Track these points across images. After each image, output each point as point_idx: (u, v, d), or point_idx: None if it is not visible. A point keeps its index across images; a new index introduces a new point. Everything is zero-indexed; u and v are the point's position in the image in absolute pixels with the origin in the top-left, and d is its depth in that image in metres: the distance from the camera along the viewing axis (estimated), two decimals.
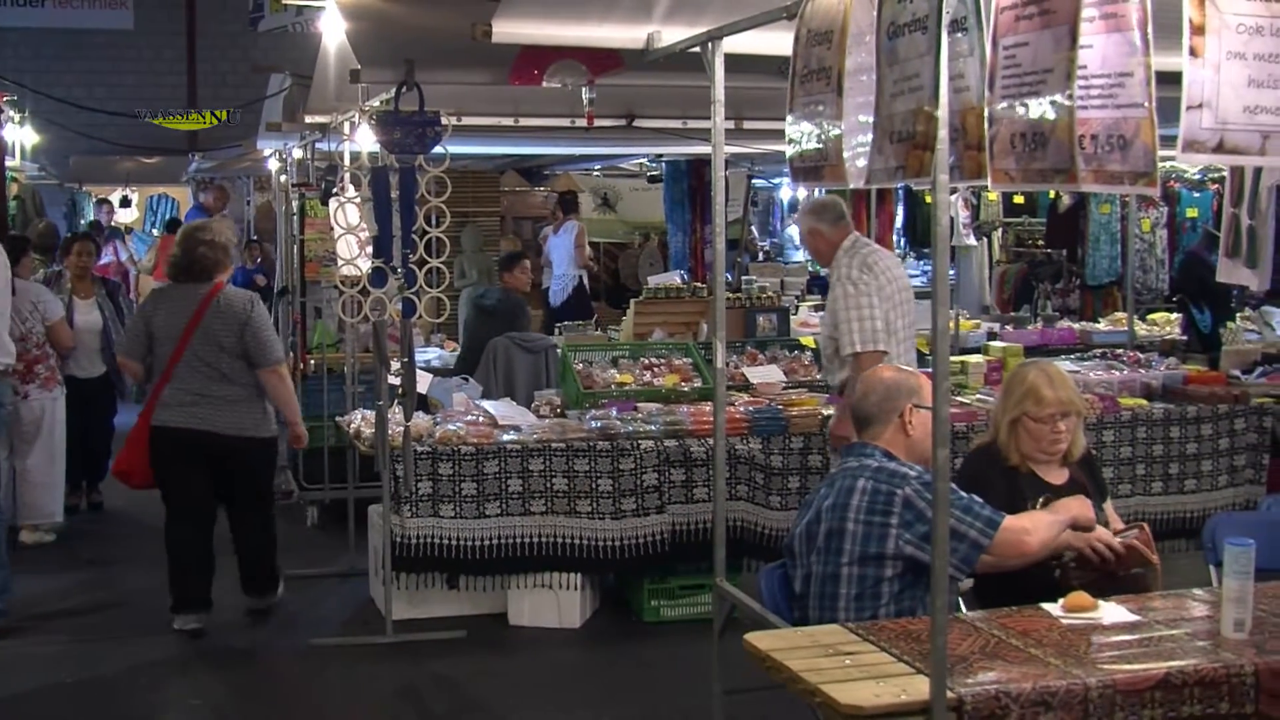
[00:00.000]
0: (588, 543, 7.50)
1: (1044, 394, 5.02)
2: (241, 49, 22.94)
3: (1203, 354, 10.74)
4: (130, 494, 10.05)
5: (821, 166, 4.24)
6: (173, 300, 7.61)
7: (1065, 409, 5.04)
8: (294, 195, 11.13)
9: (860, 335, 6.80)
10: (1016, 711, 3.52)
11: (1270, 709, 3.75)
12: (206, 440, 7.45)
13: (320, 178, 10.61)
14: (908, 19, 3.54)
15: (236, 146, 16.08)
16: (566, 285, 15.21)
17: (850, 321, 6.81)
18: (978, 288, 15.55)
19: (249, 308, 7.54)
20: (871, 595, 4.42)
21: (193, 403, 7.43)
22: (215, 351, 7.43)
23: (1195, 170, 14.06)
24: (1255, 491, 8.58)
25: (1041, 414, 5.01)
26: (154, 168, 20.15)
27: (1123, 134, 3.44)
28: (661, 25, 5.72)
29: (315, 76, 8.68)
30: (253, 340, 7.45)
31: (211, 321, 7.44)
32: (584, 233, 15.57)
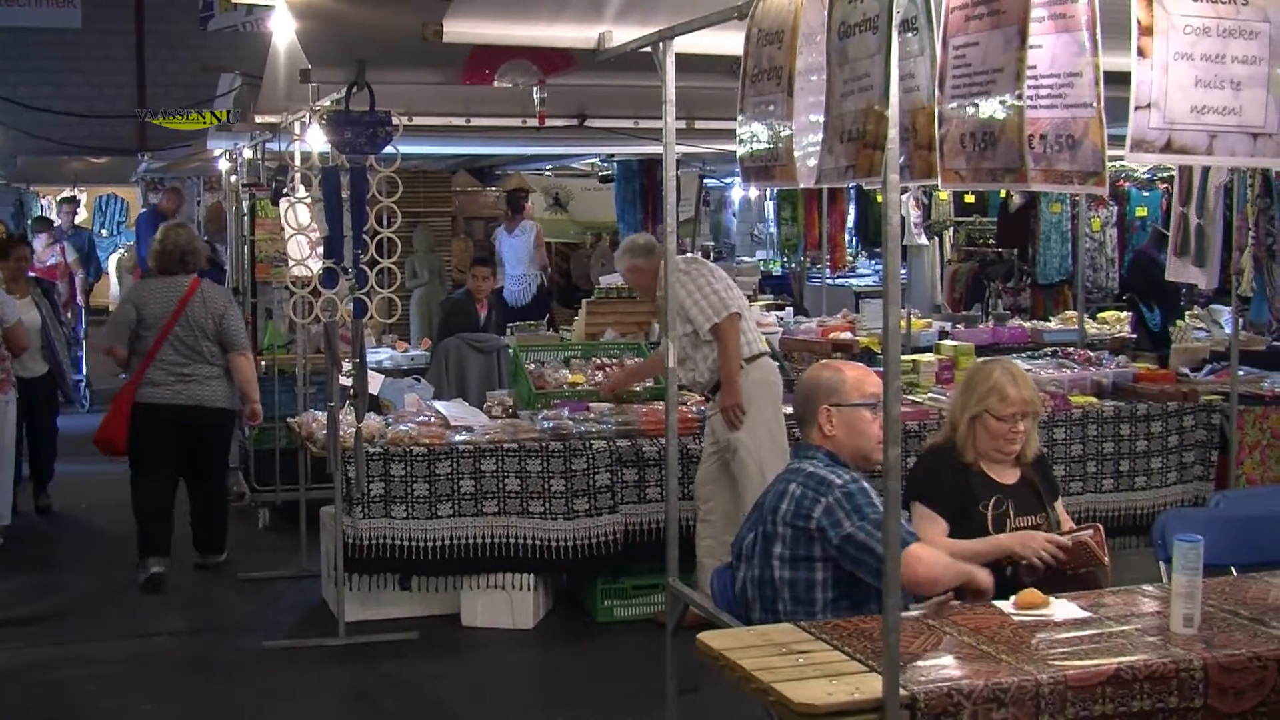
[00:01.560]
0: (540, 543, 7.49)
1: (1009, 393, 5.02)
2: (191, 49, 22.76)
3: (1152, 352, 10.80)
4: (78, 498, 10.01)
5: (772, 166, 4.25)
6: (159, 290, 8.61)
7: (1027, 409, 5.04)
8: (244, 195, 11.07)
9: (711, 308, 7.20)
10: (969, 708, 3.54)
11: (1218, 703, 3.78)
12: (183, 413, 8.47)
13: (271, 178, 10.55)
14: (858, 19, 3.55)
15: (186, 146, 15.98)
16: (528, 286, 15.09)
17: (697, 303, 7.21)
18: (929, 287, 15.62)
19: (227, 300, 8.84)
20: (806, 600, 4.41)
21: (176, 380, 8.45)
22: (196, 336, 8.46)
23: (1144, 170, 14.14)
24: (1204, 488, 8.65)
25: (1004, 413, 5.01)
26: (102, 168, 20.00)
27: (1071, 133, 3.46)
28: (613, 25, 5.72)
29: (265, 76, 8.63)
30: (229, 328, 8.56)
31: (195, 310, 8.47)
32: (541, 233, 15.49)
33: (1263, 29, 3.60)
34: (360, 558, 7.34)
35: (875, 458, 4.64)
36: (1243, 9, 3.59)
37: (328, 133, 7.19)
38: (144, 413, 8.44)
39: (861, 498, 4.39)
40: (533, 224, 15.35)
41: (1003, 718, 3.57)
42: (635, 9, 5.55)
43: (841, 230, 16.82)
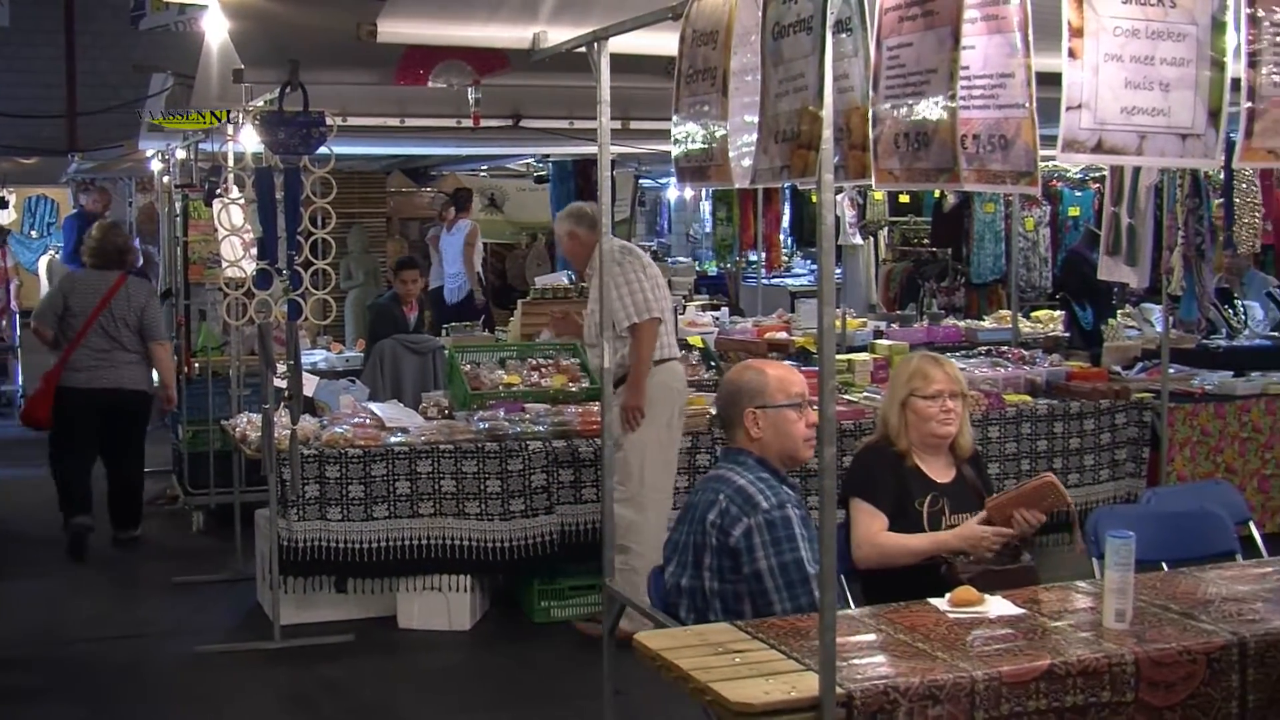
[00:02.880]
0: (476, 544, 7.47)
1: (931, 371, 5.08)
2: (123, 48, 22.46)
3: (1085, 350, 10.90)
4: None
5: (707, 166, 4.25)
6: (89, 282, 9.46)
7: (952, 386, 5.09)
8: (177, 196, 10.98)
9: (635, 307, 7.20)
10: (905, 705, 3.56)
11: (1149, 696, 3.82)
12: (104, 395, 9.27)
13: (204, 179, 10.46)
14: (792, 19, 3.56)
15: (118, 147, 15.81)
16: (464, 284, 15.02)
17: (623, 297, 7.17)
18: (864, 286, 15.70)
19: (149, 294, 9.70)
20: (735, 612, 4.39)
21: (97, 365, 9.23)
22: (118, 326, 9.29)
23: (1077, 170, 14.26)
24: (1136, 485, 8.74)
25: (929, 390, 5.05)
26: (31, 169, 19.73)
27: (1004, 134, 3.48)
28: (547, 25, 5.71)
29: (198, 76, 8.54)
30: (149, 320, 9.43)
31: (119, 303, 9.30)
32: (477, 233, 15.41)
33: (1190, 31, 3.64)
34: (296, 560, 7.29)
35: (802, 457, 4.66)
36: (1171, 11, 3.62)
37: (261, 133, 7.14)
38: (68, 396, 9.23)
39: (782, 529, 4.38)
40: (468, 223, 15.26)
41: (938, 715, 3.59)
42: (570, 9, 5.54)
43: (777, 230, 16.87)
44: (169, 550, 9.16)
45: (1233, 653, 3.93)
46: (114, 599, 8.14)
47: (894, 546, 4.92)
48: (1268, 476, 9.15)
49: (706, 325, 11.90)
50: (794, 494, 4.53)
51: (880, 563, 4.91)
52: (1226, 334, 10.75)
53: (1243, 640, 3.95)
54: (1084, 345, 11.23)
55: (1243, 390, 9.22)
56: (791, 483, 4.64)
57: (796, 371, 4.85)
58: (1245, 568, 4.93)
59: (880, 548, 4.92)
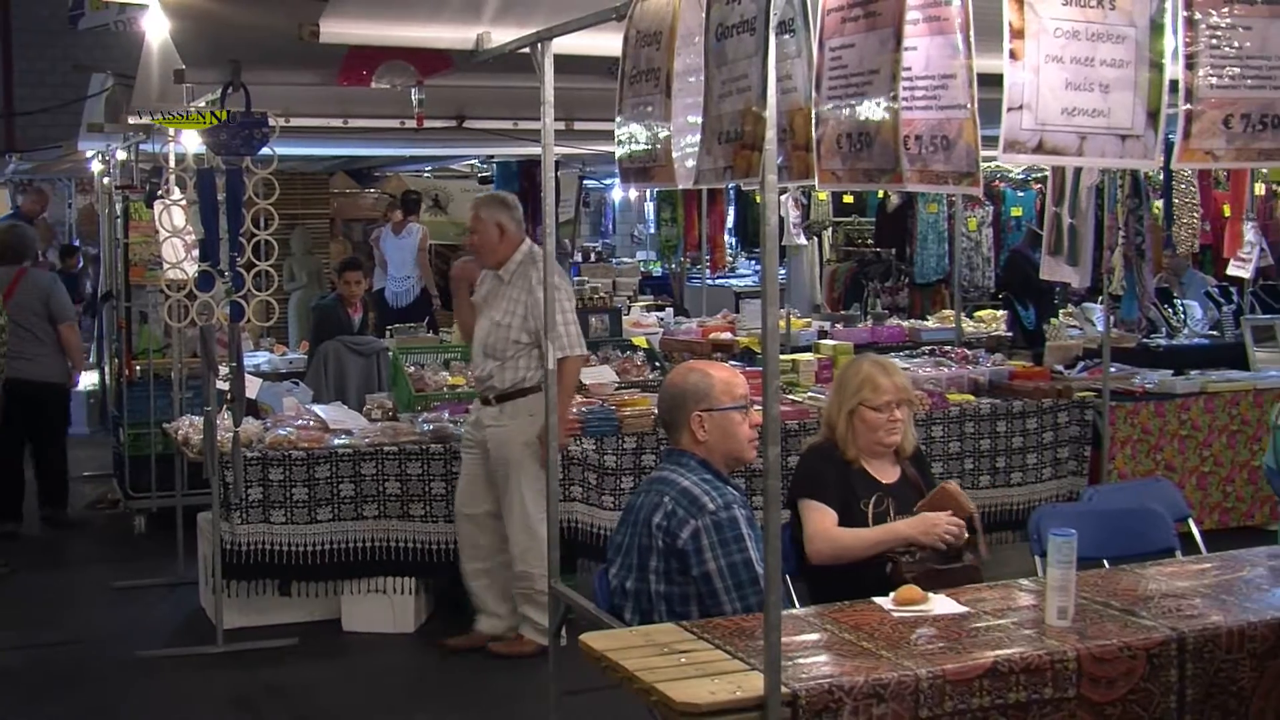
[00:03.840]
0: (421, 546, 7.45)
1: (880, 381, 5.10)
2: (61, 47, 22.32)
3: (1027, 350, 10.98)
4: None
5: (651, 167, 4.25)
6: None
7: (901, 396, 5.12)
8: (117, 198, 10.90)
9: (569, 339, 6.95)
10: (850, 704, 3.57)
11: (1090, 692, 3.85)
12: (22, 386, 9.54)
13: (144, 180, 10.40)
14: (736, 20, 3.56)
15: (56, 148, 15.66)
16: (411, 288, 14.95)
17: (568, 325, 6.95)
18: (808, 286, 15.75)
19: (51, 281, 10.37)
20: (682, 614, 4.39)
21: (14, 356, 9.42)
22: (28, 315, 9.74)
23: (1019, 170, 14.36)
24: (1078, 483, 8.80)
25: (879, 401, 5.08)
26: None
27: (946, 134, 3.50)
28: (491, 26, 5.70)
29: (138, 76, 8.49)
30: (55, 304, 9.97)
31: (23, 293, 9.78)
32: (427, 236, 15.34)
33: (1129, 33, 3.67)
34: (239, 564, 7.25)
35: (747, 458, 4.67)
36: (1110, 13, 3.65)
37: (203, 134, 7.10)
38: None
39: (729, 529, 4.39)
40: (420, 227, 15.19)
41: (883, 713, 3.60)
42: (513, 10, 5.53)
43: (721, 231, 16.90)
44: (109, 554, 9.08)
45: (1171, 648, 3.97)
46: (52, 604, 8.06)
47: (848, 539, 4.93)
48: (1206, 474, 9.25)
49: (651, 326, 11.94)
50: (739, 494, 4.54)
51: (834, 556, 4.91)
52: (1166, 333, 10.85)
53: (1181, 636, 3.99)
54: (1026, 345, 11.32)
55: (1182, 389, 9.31)
56: (735, 483, 4.65)
57: (739, 373, 4.87)
58: (1184, 564, 4.98)
59: (834, 541, 4.93)
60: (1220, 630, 4.05)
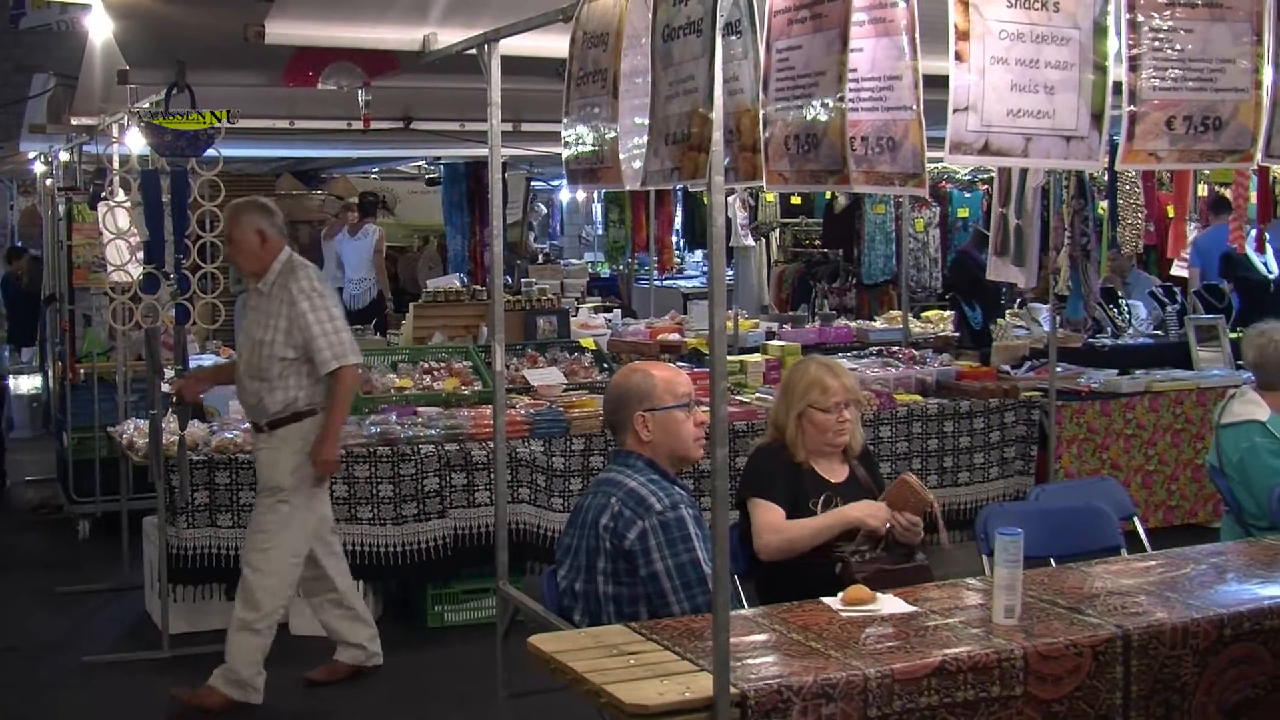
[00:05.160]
0: (369, 549, 7.41)
1: (828, 383, 5.11)
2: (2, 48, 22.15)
3: (974, 350, 11.03)
4: None
5: (598, 168, 4.25)
6: None
7: (849, 396, 5.13)
8: (60, 199, 10.81)
9: (337, 348, 6.45)
10: (799, 704, 3.57)
11: (1037, 690, 3.87)
12: None
13: (88, 181, 10.32)
14: (682, 22, 3.57)
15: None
16: (367, 290, 14.87)
17: (328, 334, 6.44)
18: (756, 288, 15.79)
19: None
20: (630, 615, 4.38)
21: None
22: None
23: (965, 171, 14.45)
24: (1025, 482, 8.85)
25: (827, 403, 5.09)
26: None
27: (892, 135, 3.52)
28: (438, 27, 5.70)
29: (81, 77, 8.44)
30: None
31: None
32: (383, 238, 15.26)
33: (1073, 35, 3.70)
34: (185, 568, 7.20)
35: (693, 456, 4.68)
36: (1054, 16, 3.68)
37: (147, 135, 7.06)
38: None
39: (677, 530, 4.39)
40: (376, 229, 15.10)
41: (832, 713, 3.61)
42: (460, 11, 5.53)
43: (669, 232, 16.94)
44: (53, 559, 9.00)
45: (1117, 645, 4.00)
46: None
47: (797, 530, 4.93)
48: (1151, 472, 9.32)
49: (599, 327, 11.93)
50: (686, 495, 4.54)
51: (783, 548, 4.91)
52: (1112, 333, 10.92)
53: (1127, 633, 4.02)
54: (973, 345, 11.37)
55: (1127, 388, 9.38)
56: (683, 484, 4.66)
57: (683, 372, 4.87)
58: (1130, 562, 5.02)
59: (783, 533, 4.93)
60: (1164, 627, 4.08)
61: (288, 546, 6.58)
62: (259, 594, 6.55)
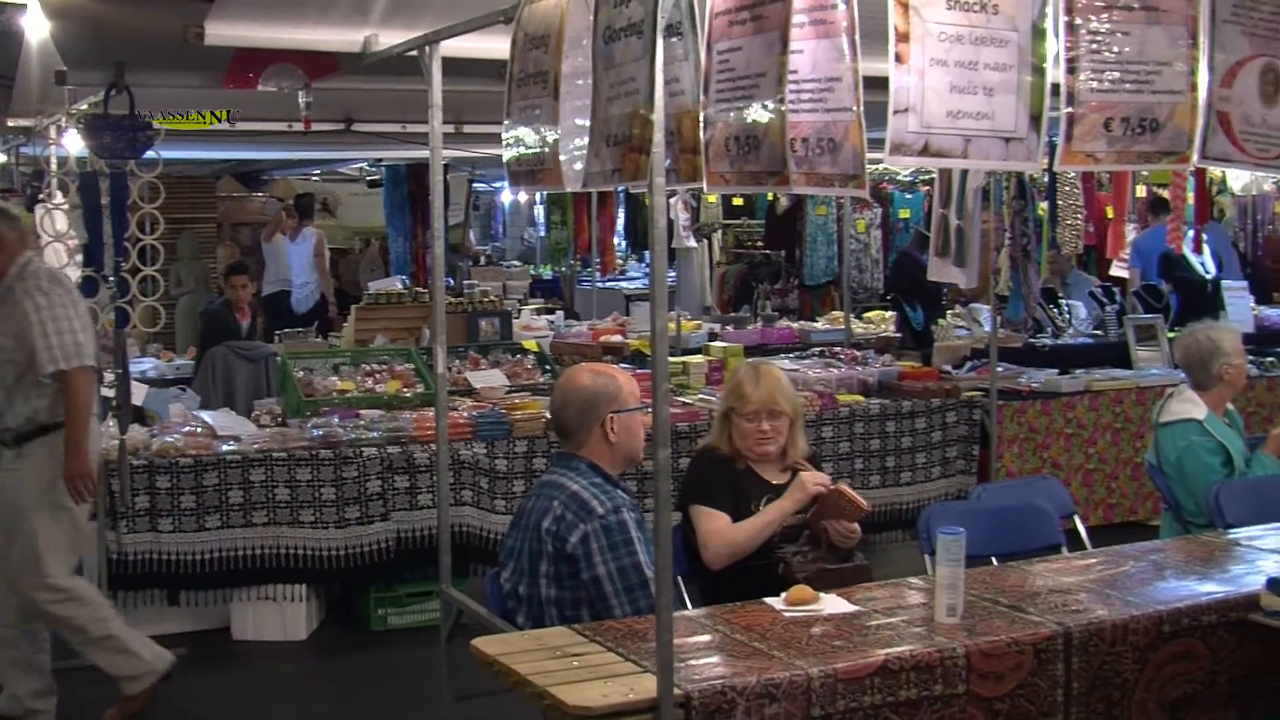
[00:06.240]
0: (312, 553, 7.37)
1: (746, 392, 5.10)
2: None
3: (916, 350, 11.07)
4: None
5: (539, 170, 4.25)
6: None
7: (768, 408, 5.09)
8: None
9: (65, 349, 5.91)
10: (743, 704, 3.58)
11: (980, 688, 3.90)
12: None
13: (25, 183, 10.22)
14: (623, 24, 3.57)
15: None
16: (311, 293, 14.77)
17: (47, 335, 5.89)
18: (698, 289, 15.81)
19: None
20: (573, 618, 4.37)
21: None
22: None
23: (906, 172, 14.51)
24: (966, 482, 8.90)
25: (745, 410, 5.09)
26: None
27: (832, 137, 3.54)
28: (378, 29, 5.68)
29: (18, 77, 8.34)
30: None
31: None
32: (324, 241, 15.17)
33: (1012, 37, 3.73)
34: (125, 574, 7.14)
35: (641, 458, 4.69)
36: (993, 18, 3.71)
37: (85, 137, 7.00)
38: None
39: (619, 533, 4.38)
40: (315, 231, 14.99)
41: (775, 713, 3.62)
42: (401, 12, 5.51)
43: (611, 233, 16.96)
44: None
45: (1058, 643, 4.03)
46: None
47: (740, 533, 4.93)
48: (1091, 471, 9.39)
49: (542, 329, 11.92)
50: (628, 498, 4.54)
51: (731, 554, 4.91)
52: (1052, 333, 11.00)
53: (1068, 630, 4.05)
54: (915, 345, 11.41)
55: (1067, 387, 9.45)
56: (625, 486, 4.65)
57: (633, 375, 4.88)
58: (1070, 560, 5.06)
59: (727, 538, 4.93)
60: (1105, 624, 4.12)
61: (56, 562, 6.11)
62: (73, 618, 6.22)
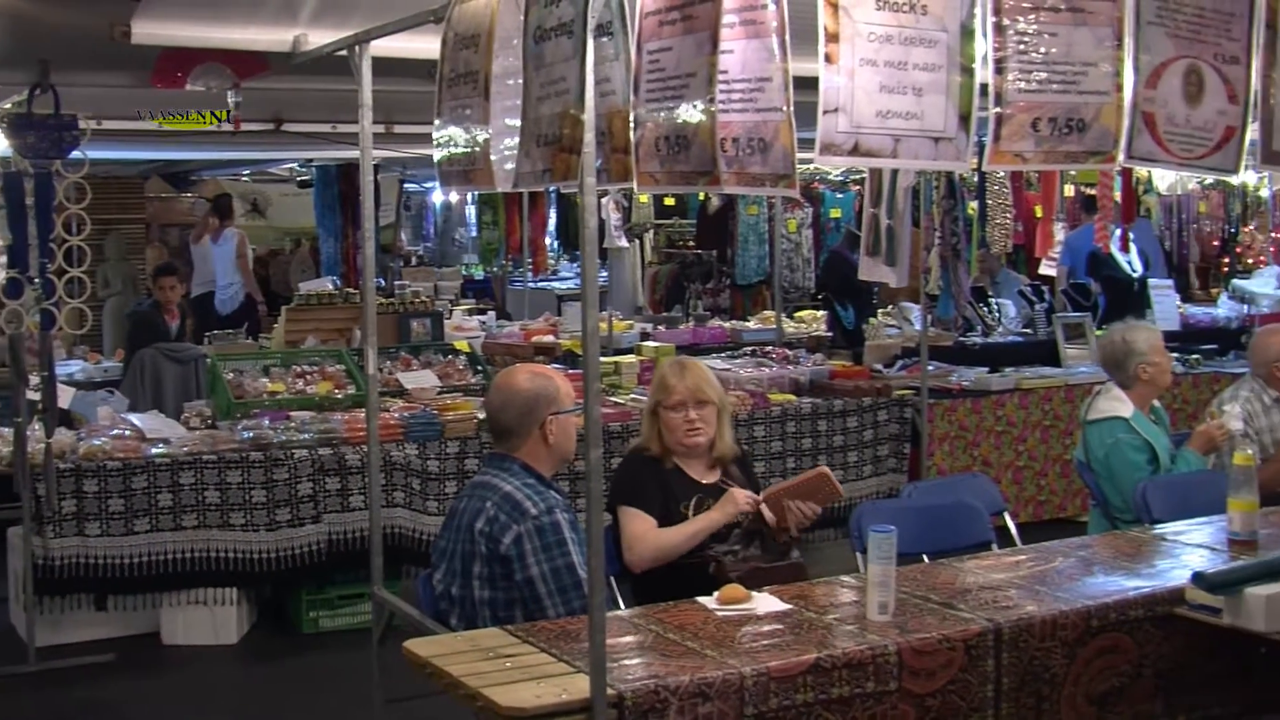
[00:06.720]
0: (242, 556, 7.32)
1: (671, 382, 5.13)
2: None
3: (847, 349, 11.13)
4: None
5: (470, 170, 4.24)
6: None
7: (695, 397, 5.12)
8: None
9: None
10: (675, 704, 3.58)
11: (911, 684, 3.92)
12: None
13: None
14: (554, 23, 3.56)
15: None
16: (235, 294, 14.63)
17: None
18: (630, 289, 15.80)
19: None
20: (506, 619, 4.37)
21: None
22: None
23: (837, 172, 14.56)
24: (898, 480, 8.95)
25: (671, 401, 5.11)
26: None
27: (763, 137, 3.55)
28: (308, 28, 5.65)
29: None
30: None
31: None
32: (245, 241, 15.03)
33: (941, 38, 3.75)
34: (52, 579, 7.05)
35: (574, 457, 4.70)
36: (922, 18, 3.73)
37: (9, 136, 6.93)
38: None
39: (552, 534, 4.38)
40: (236, 232, 14.84)
41: (708, 712, 3.62)
42: (330, 12, 5.48)
43: (543, 233, 16.92)
44: None
45: (988, 639, 4.06)
46: None
47: (666, 539, 4.95)
48: (1021, 468, 9.47)
49: (473, 330, 11.89)
50: (561, 499, 4.54)
51: (656, 559, 4.94)
52: (982, 331, 11.07)
53: (998, 626, 4.08)
54: (846, 344, 11.47)
55: (997, 386, 9.52)
56: (559, 487, 4.65)
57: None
58: (1000, 557, 5.09)
59: (652, 543, 4.95)
60: (1034, 620, 4.15)
61: None
62: None
